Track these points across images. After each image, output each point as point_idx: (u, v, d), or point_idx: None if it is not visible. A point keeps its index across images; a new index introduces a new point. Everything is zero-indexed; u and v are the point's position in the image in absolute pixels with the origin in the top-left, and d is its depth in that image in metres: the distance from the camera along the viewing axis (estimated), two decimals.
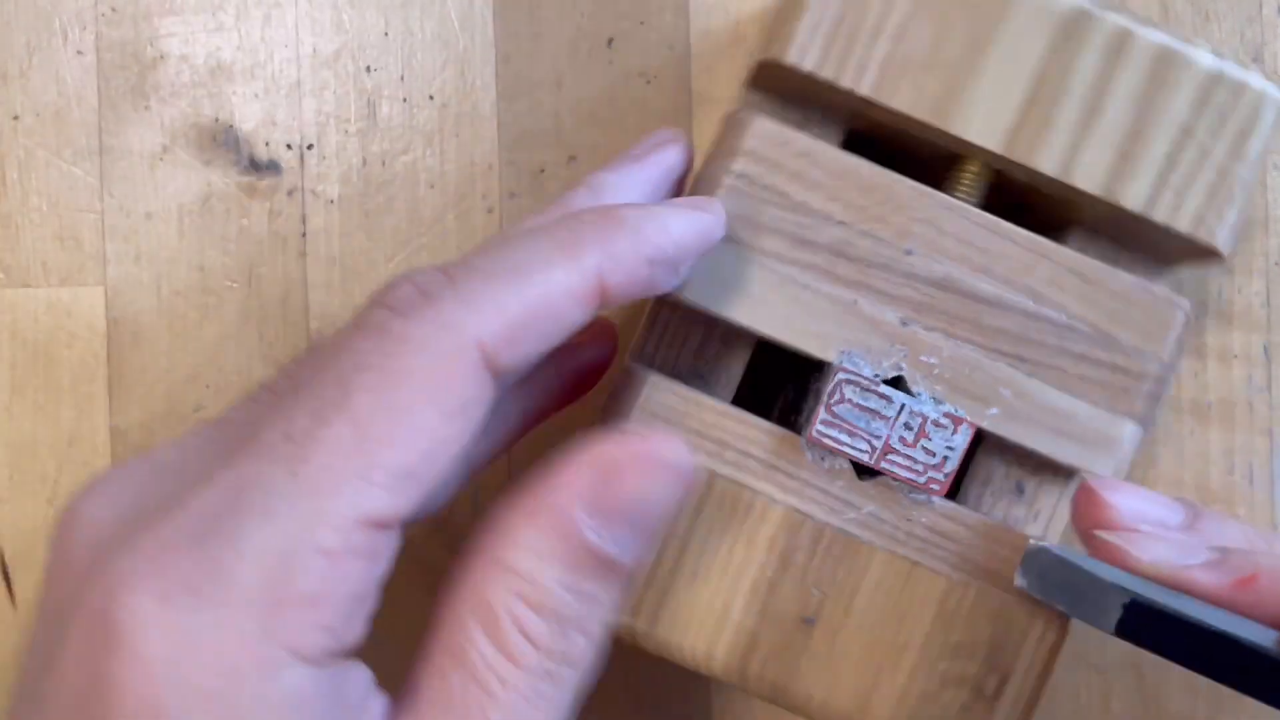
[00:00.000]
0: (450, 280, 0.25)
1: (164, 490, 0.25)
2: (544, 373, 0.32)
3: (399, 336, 0.24)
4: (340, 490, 0.23)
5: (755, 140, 0.31)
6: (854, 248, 0.31)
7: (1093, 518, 0.29)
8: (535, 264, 0.26)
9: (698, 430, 0.31)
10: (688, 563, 0.30)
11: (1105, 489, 0.29)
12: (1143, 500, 0.29)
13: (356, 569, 0.23)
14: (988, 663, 0.30)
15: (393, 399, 0.24)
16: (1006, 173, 0.32)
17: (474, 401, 0.25)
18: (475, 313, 0.24)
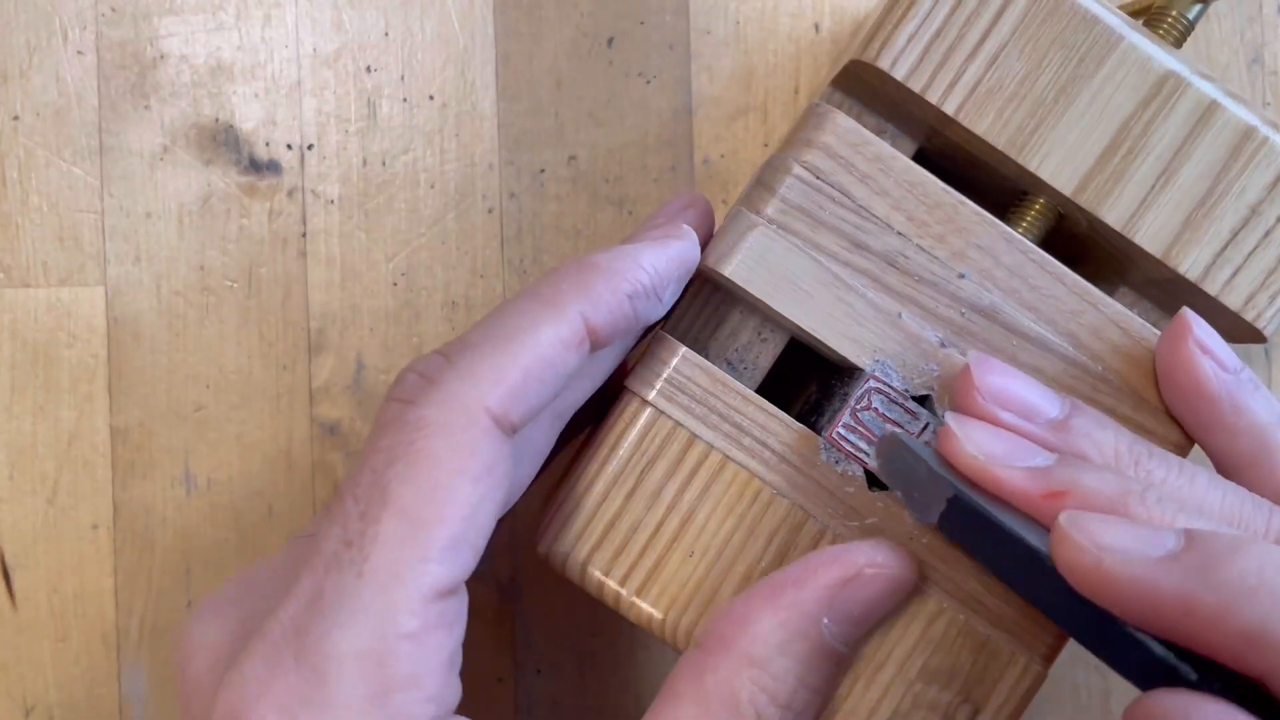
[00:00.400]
0: (449, 361, 0.27)
1: (261, 609, 0.27)
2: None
3: (414, 424, 0.26)
4: (404, 577, 0.25)
5: (832, 136, 0.31)
6: (908, 261, 0.31)
7: (959, 397, 0.30)
8: (523, 326, 0.28)
9: (719, 412, 0.31)
10: (686, 539, 0.30)
11: (980, 369, 0.29)
12: (1019, 386, 0.29)
13: (440, 639, 0.26)
14: (963, 693, 0.30)
15: (426, 482, 0.26)
16: (1070, 217, 0.32)
17: (496, 461, 0.27)
18: (477, 385, 0.27)
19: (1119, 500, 0.27)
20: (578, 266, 0.29)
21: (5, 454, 0.38)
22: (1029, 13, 0.30)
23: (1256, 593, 0.23)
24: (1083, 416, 0.29)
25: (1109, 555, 0.24)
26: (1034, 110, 0.31)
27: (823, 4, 0.40)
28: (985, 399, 0.29)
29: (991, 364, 0.29)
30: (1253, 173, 0.31)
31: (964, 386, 0.29)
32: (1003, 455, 0.28)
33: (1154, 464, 0.29)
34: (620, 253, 0.29)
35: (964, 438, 0.28)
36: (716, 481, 0.31)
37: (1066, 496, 0.27)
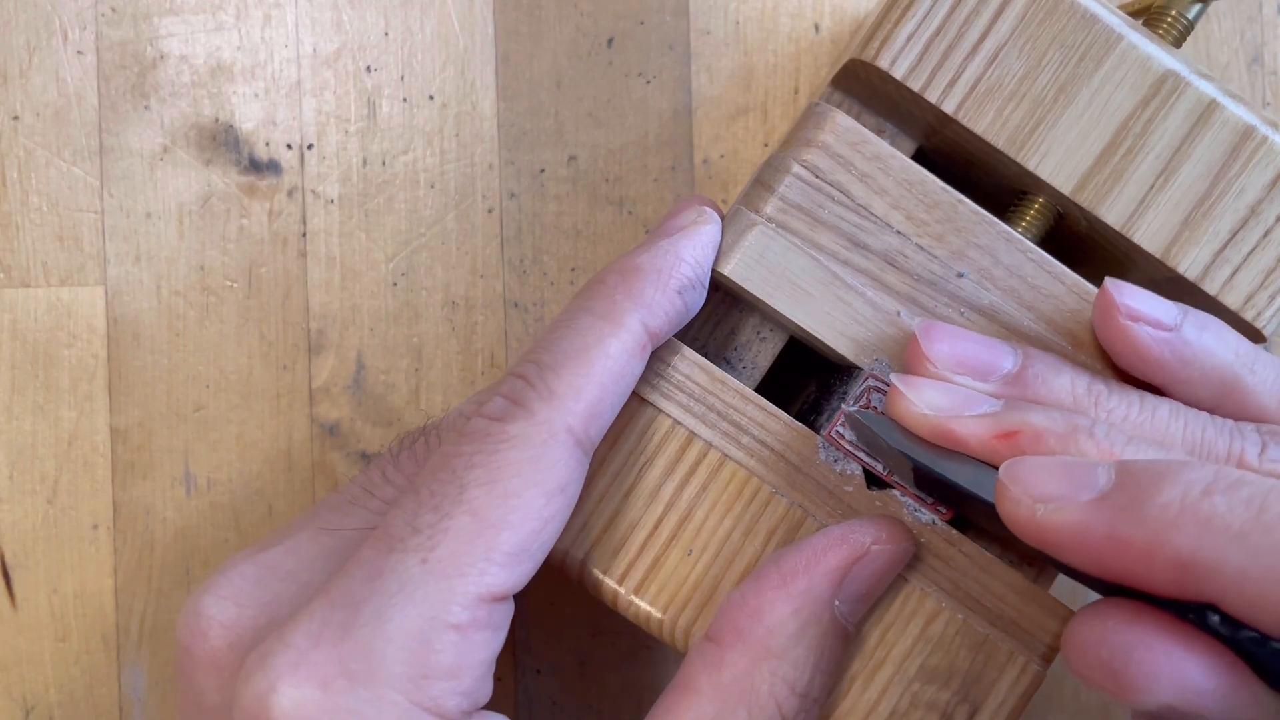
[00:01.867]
0: (531, 384, 0.28)
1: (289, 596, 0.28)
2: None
3: (499, 437, 0.28)
4: (466, 573, 0.26)
5: (831, 135, 0.31)
6: (907, 260, 0.31)
7: (911, 368, 0.30)
8: (590, 343, 0.29)
9: (718, 410, 0.31)
10: (685, 537, 0.30)
11: (926, 337, 0.30)
12: (970, 345, 0.30)
13: (484, 639, 0.27)
14: (961, 692, 0.30)
15: (503, 489, 0.27)
16: (1069, 216, 0.32)
17: (570, 479, 0.28)
18: (559, 406, 0.28)
19: (1069, 436, 0.27)
20: (623, 274, 0.30)
21: (5, 454, 0.38)
22: (1028, 12, 0.30)
23: (1179, 522, 0.23)
24: (1038, 364, 0.29)
25: (1041, 506, 0.25)
26: (1033, 109, 0.31)
27: (822, 4, 0.40)
28: (937, 367, 0.29)
29: (938, 330, 0.30)
30: (1252, 172, 0.31)
31: (914, 356, 0.30)
32: (950, 407, 0.28)
33: (1114, 401, 0.29)
34: (661, 250, 0.30)
35: (912, 398, 0.29)
36: (715, 480, 0.31)
37: (1018, 436, 0.27)
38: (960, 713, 0.30)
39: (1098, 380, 0.29)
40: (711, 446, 0.31)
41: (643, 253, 0.30)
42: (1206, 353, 0.29)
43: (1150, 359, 0.29)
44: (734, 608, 0.29)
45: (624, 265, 0.30)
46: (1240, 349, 0.29)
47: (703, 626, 0.30)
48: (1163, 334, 0.29)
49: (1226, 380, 0.29)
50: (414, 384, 0.39)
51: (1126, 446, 0.27)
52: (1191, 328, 0.29)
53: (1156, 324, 0.29)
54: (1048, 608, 0.30)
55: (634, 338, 0.29)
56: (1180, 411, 0.29)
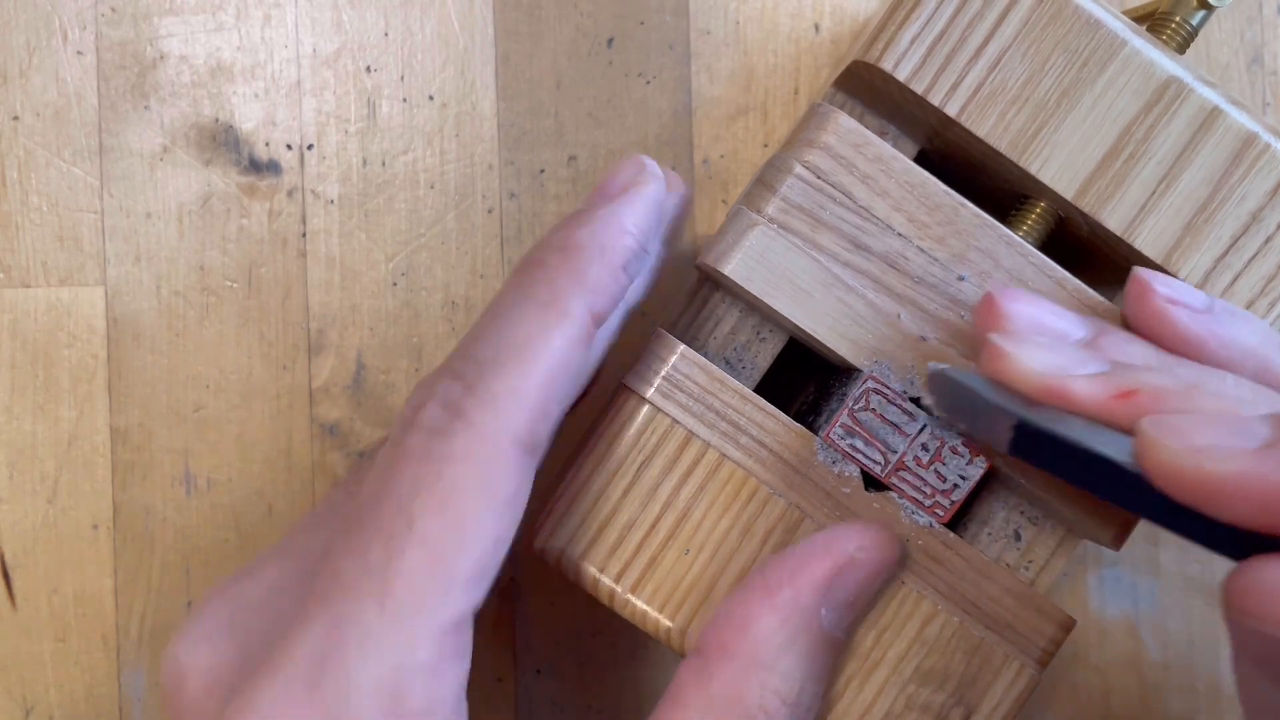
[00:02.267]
0: (469, 388, 0.26)
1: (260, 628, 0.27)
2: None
3: (441, 456, 0.26)
4: (425, 609, 0.25)
5: (834, 137, 0.31)
6: (908, 262, 0.31)
7: (988, 326, 0.29)
8: (532, 335, 0.27)
9: (717, 410, 0.31)
10: (682, 537, 0.31)
11: (1005, 298, 0.28)
12: (1045, 312, 0.29)
13: (454, 669, 0.26)
14: (956, 695, 0.30)
15: (452, 514, 0.26)
16: (1071, 221, 0.32)
17: (519, 488, 0.27)
18: (501, 413, 0.26)
19: (1189, 394, 0.26)
20: (564, 252, 0.28)
21: (5, 454, 0.38)
22: (1032, 16, 0.31)
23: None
24: (1110, 334, 0.29)
25: (1206, 455, 0.24)
26: (1036, 114, 0.31)
27: (823, 4, 0.40)
28: (1021, 326, 0.28)
29: (1015, 293, 0.29)
30: (1254, 179, 0.31)
31: (990, 314, 0.29)
32: (1059, 366, 0.27)
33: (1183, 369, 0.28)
34: (601, 222, 0.28)
35: (1020, 354, 0.27)
36: (713, 480, 0.31)
37: (1138, 395, 0.26)
38: (955, 715, 0.30)
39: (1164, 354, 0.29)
40: (710, 446, 0.31)
41: (582, 224, 0.28)
42: (1244, 332, 0.29)
43: (1191, 339, 0.29)
44: (721, 620, 0.29)
45: (564, 241, 0.28)
46: (1267, 332, 0.29)
47: (699, 626, 0.30)
48: (1200, 315, 0.29)
49: (1262, 358, 0.29)
50: (414, 384, 0.39)
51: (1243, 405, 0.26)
52: (1224, 308, 0.29)
53: (1191, 307, 0.29)
54: (1044, 611, 0.31)
55: (579, 326, 0.27)
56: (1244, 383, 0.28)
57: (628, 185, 0.29)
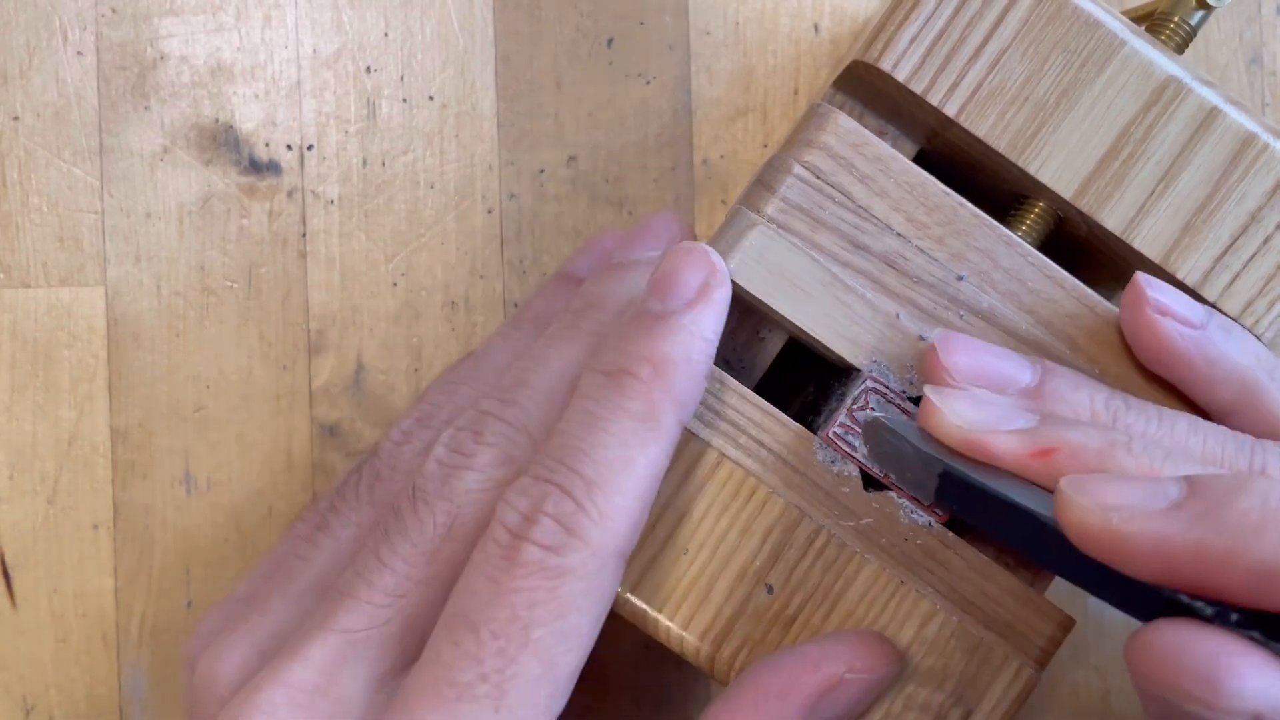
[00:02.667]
0: (580, 507, 0.28)
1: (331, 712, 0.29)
2: None
3: (558, 571, 0.27)
4: (534, 715, 0.27)
5: (833, 137, 0.31)
6: (907, 262, 0.31)
7: (929, 377, 0.30)
8: (632, 450, 0.28)
9: (716, 410, 0.31)
10: (681, 537, 0.30)
11: (945, 350, 0.29)
12: (989, 359, 0.29)
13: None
14: (955, 695, 0.30)
15: (564, 626, 0.27)
16: (1069, 221, 0.32)
17: (614, 593, 0.29)
18: (611, 531, 0.28)
19: (1107, 453, 0.27)
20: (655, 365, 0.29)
21: (5, 454, 0.38)
22: (1031, 16, 0.31)
23: (1263, 529, 0.23)
24: (1056, 379, 0.29)
25: (1116, 514, 0.25)
26: (1035, 114, 0.31)
27: (822, 5, 0.40)
28: (955, 379, 0.29)
29: (956, 342, 0.30)
30: (1252, 179, 0.31)
31: (933, 368, 0.29)
32: (986, 421, 0.28)
33: (1132, 416, 0.29)
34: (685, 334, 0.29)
35: (946, 410, 0.28)
36: (712, 479, 0.31)
37: (1056, 453, 0.27)
38: (954, 715, 0.30)
39: (1115, 395, 0.29)
40: (709, 445, 0.31)
41: (667, 336, 0.29)
42: (1230, 354, 0.29)
43: (1177, 353, 0.29)
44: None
45: (654, 354, 0.29)
46: (1260, 354, 0.30)
47: (698, 625, 0.30)
48: (1190, 331, 0.29)
49: (1248, 383, 0.29)
50: (414, 384, 0.39)
51: (1165, 462, 0.27)
52: (1217, 329, 0.29)
53: (1185, 320, 0.29)
54: (1043, 611, 0.31)
55: (671, 439, 0.29)
56: (1199, 426, 0.29)
57: (705, 289, 0.30)
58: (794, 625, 0.30)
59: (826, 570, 0.30)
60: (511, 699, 0.27)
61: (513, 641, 0.27)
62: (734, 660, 0.30)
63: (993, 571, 0.31)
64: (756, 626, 0.30)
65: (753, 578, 0.30)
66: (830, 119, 0.31)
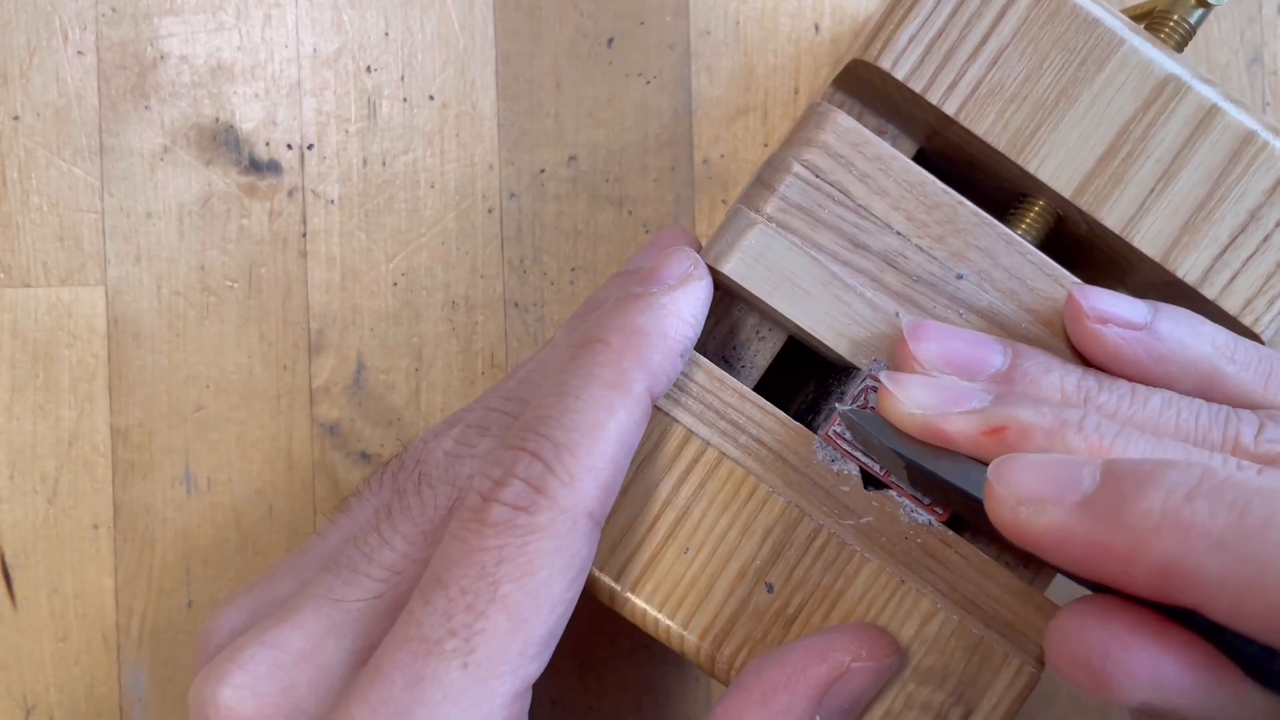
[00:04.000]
0: (551, 469, 0.28)
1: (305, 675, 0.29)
2: None
3: (525, 529, 0.28)
4: (503, 673, 0.27)
5: (833, 135, 0.31)
6: (906, 261, 0.31)
7: (900, 367, 0.30)
8: (602, 418, 0.28)
9: (716, 409, 0.31)
10: (681, 535, 0.31)
11: (913, 337, 0.30)
12: (958, 344, 0.30)
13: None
14: (955, 694, 0.30)
15: (533, 583, 0.27)
16: (1069, 219, 0.32)
17: (589, 556, 0.28)
18: (579, 490, 0.28)
19: (1056, 432, 0.27)
20: (628, 335, 0.29)
21: (5, 454, 0.38)
22: (1030, 15, 0.31)
23: (1160, 529, 0.23)
24: (1027, 361, 0.29)
25: (1024, 507, 0.25)
26: (1034, 112, 0.31)
27: (822, 4, 0.40)
28: (924, 366, 0.29)
29: (926, 329, 0.30)
30: (1252, 177, 0.31)
31: (903, 355, 0.30)
32: (939, 404, 0.28)
33: (1104, 395, 0.29)
34: (663, 311, 0.30)
35: (899, 396, 0.29)
36: (712, 478, 0.31)
37: (1005, 431, 0.27)
38: (955, 714, 0.30)
39: (1089, 375, 0.29)
40: (709, 445, 0.31)
41: (644, 310, 0.30)
42: (1182, 347, 0.29)
43: (1124, 358, 0.29)
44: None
45: (626, 325, 0.30)
46: (1218, 340, 0.29)
47: (699, 624, 0.30)
48: (1133, 333, 0.29)
49: (1205, 372, 0.29)
50: (414, 384, 0.39)
51: (1117, 439, 0.27)
52: (1164, 323, 0.29)
53: (1126, 324, 0.29)
54: (1043, 610, 0.30)
55: (642, 408, 0.29)
56: (1173, 400, 0.29)
57: (686, 277, 0.30)
58: (794, 624, 0.30)
59: (827, 569, 0.30)
60: (480, 654, 0.27)
61: (480, 597, 0.27)
62: (734, 659, 0.30)
63: (993, 570, 0.30)
64: (757, 625, 0.30)
65: (753, 577, 0.30)
66: (830, 118, 0.31)
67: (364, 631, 0.29)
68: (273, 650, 0.29)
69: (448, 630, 0.27)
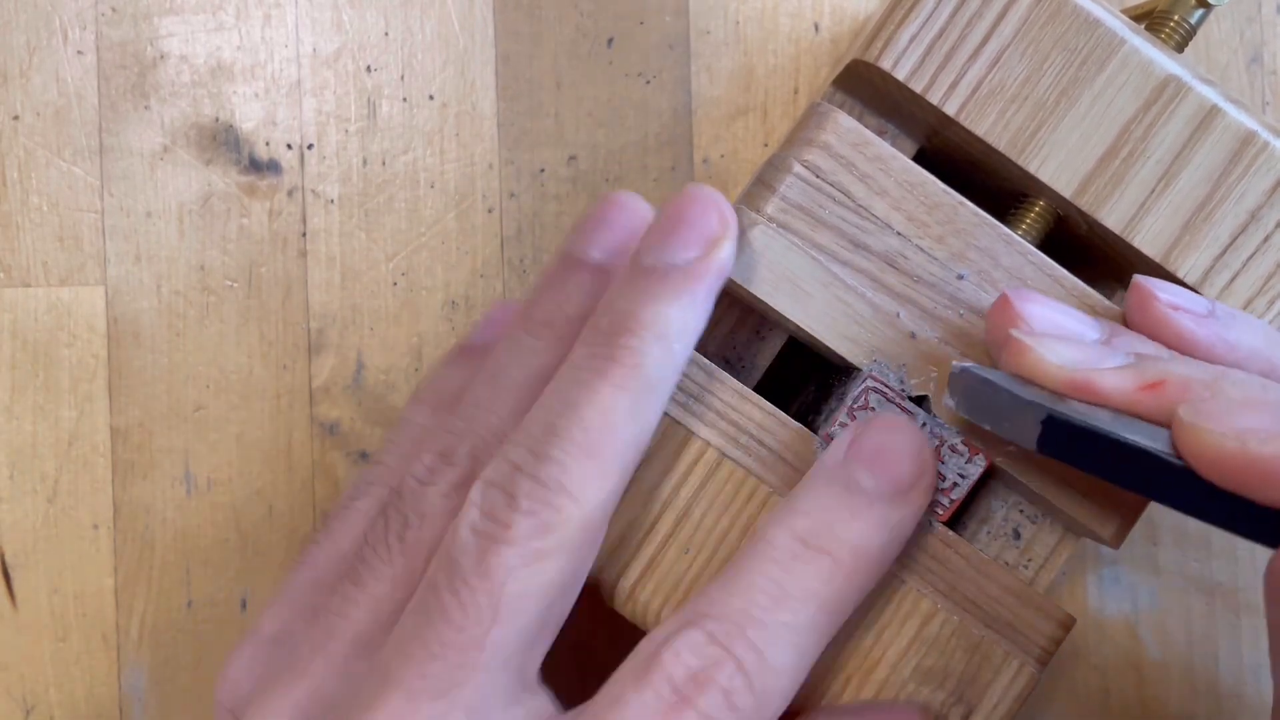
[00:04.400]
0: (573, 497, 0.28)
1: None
2: None
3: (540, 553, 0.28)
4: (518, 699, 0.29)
5: (833, 136, 0.31)
6: (907, 261, 0.31)
7: (999, 330, 0.29)
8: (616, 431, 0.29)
9: (716, 409, 0.31)
10: (682, 535, 0.31)
11: (1020, 299, 0.29)
12: (1059, 313, 0.29)
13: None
14: (956, 694, 0.30)
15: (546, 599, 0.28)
16: (1069, 219, 0.32)
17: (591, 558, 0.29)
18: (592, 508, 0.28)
19: (1214, 384, 0.26)
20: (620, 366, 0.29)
21: (5, 454, 0.38)
22: (1031, 15, 0.31)
23: None
24: (1124, 335, 0.29)
25: (1252, 437, 0.24)
26: (1035, 112, 0.31)
27: (822, 4, 0.40)
28: (1038, 326, 0.28)
29: (1030, 293, 0.29)
30: (1252, 178, 0.31)
31: (1007, 316, 0.29)
32: (1086, 360, 0.27)
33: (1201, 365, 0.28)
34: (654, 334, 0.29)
35: (1045, 350, 0.27)
36: (713, 479, 0.31)
37: (1164, 385, 0.27)
38: (955, 714, 0.30)
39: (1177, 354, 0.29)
40: (710, 445, 0.31)
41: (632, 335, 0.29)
42: (1246, 333, 0.29)
43: (1199, 343, 0.29)
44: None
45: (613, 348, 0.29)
46: (1268, 332, 0.29)
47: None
48: (1204, 319, 0.29)
49: (1267, 360, 0.29)
50: (414, 384, 0.39)
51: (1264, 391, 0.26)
52: (1224, 312, 0.29)
53: (1194, 312, 0.29)
54: (1044, 610, 0.31)
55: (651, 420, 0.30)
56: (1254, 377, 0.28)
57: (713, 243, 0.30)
58: None
59: None
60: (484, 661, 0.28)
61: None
62: None
63: (993, 570, 0.30)
64: None
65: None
66: (830, 118, 0.31)
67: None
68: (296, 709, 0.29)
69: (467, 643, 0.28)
